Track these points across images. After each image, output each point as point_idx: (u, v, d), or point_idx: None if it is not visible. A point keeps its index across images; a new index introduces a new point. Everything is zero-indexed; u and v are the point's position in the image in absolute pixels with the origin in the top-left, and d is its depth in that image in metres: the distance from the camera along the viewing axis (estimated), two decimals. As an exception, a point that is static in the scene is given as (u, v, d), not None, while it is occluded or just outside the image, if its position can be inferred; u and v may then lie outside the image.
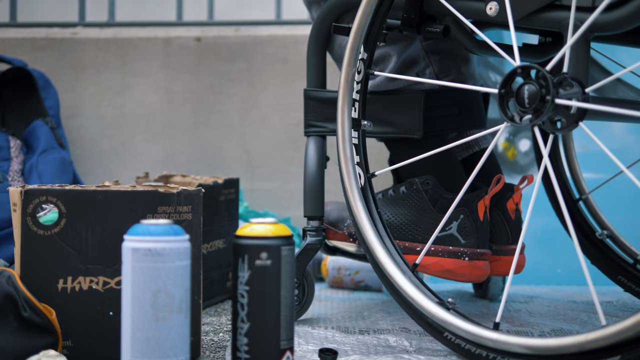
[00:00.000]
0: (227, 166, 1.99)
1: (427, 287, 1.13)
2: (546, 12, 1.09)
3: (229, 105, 2.01)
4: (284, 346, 0.95)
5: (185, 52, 2.02)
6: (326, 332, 1.26)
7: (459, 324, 1.06)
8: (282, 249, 0.95)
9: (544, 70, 1.00)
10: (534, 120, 1.01)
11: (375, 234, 1.16)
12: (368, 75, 1.22)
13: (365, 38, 1.20)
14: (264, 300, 0.94)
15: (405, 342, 1.20)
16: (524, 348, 0.99)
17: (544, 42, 1.38)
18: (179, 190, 1.08)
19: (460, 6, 1.17)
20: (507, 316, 1.42)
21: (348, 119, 1.21)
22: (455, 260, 1.33)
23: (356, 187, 1.19)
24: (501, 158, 1.87)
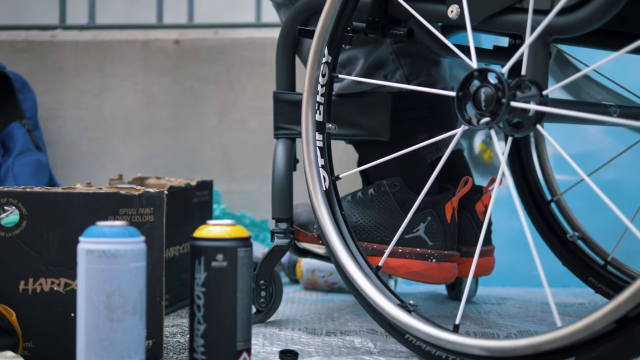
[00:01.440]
0: (206, 168, 2.00)
1: (390, 289, 1.14)
2: (506, 15, 1.10)
3: (208, 108, 2.02)
4: (240, 347, 0.96)
5: (164, 55, 2.03)
6: (293, 334, 1.26)
7: (418, 326, 1.06)
8: (238, 250, 0.96)
9: (499, 73, 1.01)
10: (490, 122, 1.01)
11: (338, 237, 1.17)
12: (333, 78, 1.22)
13: (329, 41, 1.20)
14: (220, 301, 0.95)
15: (370, 343, 1.21)
16: (480, 350, 1.00)
17: (514, 44, 1.39)
18: (141, 192, 1.09)
19: (423, 9, 1.17)
20: (477, 318, 1.43)
21: (312, 122, 1.22)
22: (423, 262, 1.33)
23: (320, 189, 1.19)
24: (477, 160, 1.88)
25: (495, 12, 1.10)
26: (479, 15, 1.11)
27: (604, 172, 1.80)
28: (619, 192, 1.77)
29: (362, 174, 1.48)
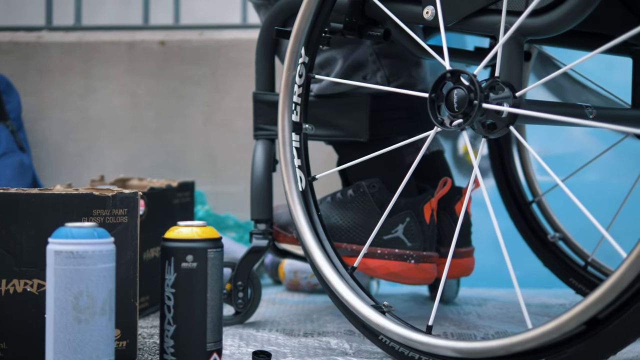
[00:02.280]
0: (191, 169, 2.00)
1: (364, 289, 1.14)
2: (481, 16, 1.10)
3: (193, 109, 2.02)
4: (210, 348, 0.96)
5: (149, 56, 2.03)
6: (269, 335, 1.26)
7: (391, 327, 1.06)
8: (208, 251, 0.96)
9: (471, 75, 1.01)
10: (463, 124, 1.01)
11: (313, 237, 1.17)
12: (309, 79, 1.22)
13: (306, 41, 1.20)
14: (190, 302, 0.95)
15: (346, 344, 1.21)
16: (452, 351, 1.00)
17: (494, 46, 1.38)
18: (115, 194, 1.08)
19: (399, 10, 1.17)
20: (456, 319, 1.43)
21: (288, 122, 1.21)
22: (401, 263, 1.33)
23: (296, 190, 1.19)
24: (461, 161, 1.88)
25: (470, 13, 1.10)
26: (454, 16, 1.11)
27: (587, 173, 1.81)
28: (602, 193, 1.77)
29: (341, 175, 1.48)
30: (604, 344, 0.91)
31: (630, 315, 0.88)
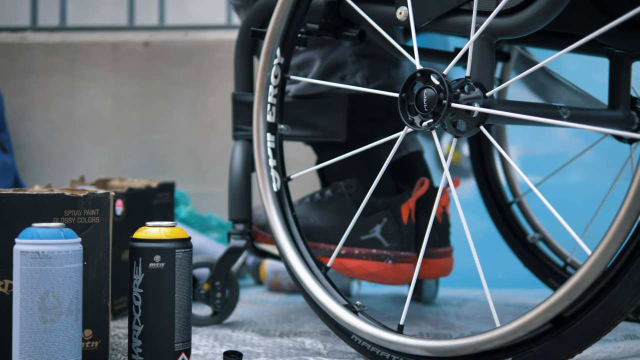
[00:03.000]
0: (176, 170, 2.00)
1: (337, 289, 1.14)
2: (453, 17, 1.09)
3: (178, 109, 2.02)
4: (178, 348, 0.96)
5: (133, 57, 2.03)
6: (245, 335, 1.26)
7: (362, 327, 1.06)
8: (176, 251, 0.96)
9: (441, 74, 1.01)
10: (432, 124, 1.01)
11: (287, 237, 1.17)
12: (285, 79, 1.22)
13: (281, 42, 1.20)
14: (158, 302, 0.95)
15: (320, 344, 1.21)
16: (421, 350, 1.00)
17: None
18: (86, 194, 1.08)
19: (373, 11, 1.17)
20: (434, 319, 1.43)
21: (263, 122, 1.22)
22: (379, 264, 1.33)
23: (270, 190, 1.19)
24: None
25: (442, 13, 1.10)
26: (426, 17, 1.11)
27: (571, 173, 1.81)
28: (585, 192, 1.77)
29: (320, 176, 1.48)
30: (570, 342, 0.91)
31: (595, 313, 0.89)
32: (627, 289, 0.87)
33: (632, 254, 0.87)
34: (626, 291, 0.87)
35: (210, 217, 1.89)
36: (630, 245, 0.87)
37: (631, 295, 0.87)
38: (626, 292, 0.87)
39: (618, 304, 0.87)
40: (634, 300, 0.87)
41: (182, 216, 1.84)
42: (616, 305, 0.87)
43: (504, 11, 1.03)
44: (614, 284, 0.88)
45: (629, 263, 0.87)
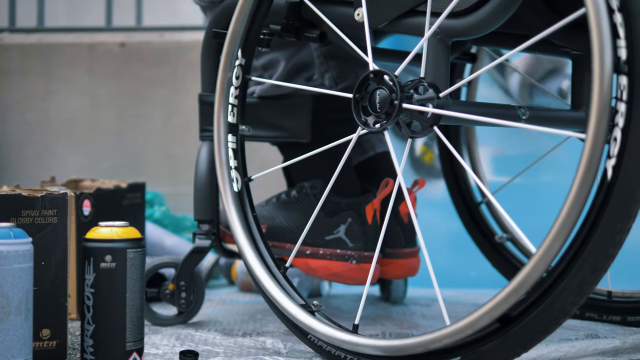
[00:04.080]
0: (151, 170, 2.01)
1: (295, 289, 1.14)
2: (408, 18, 1.10)
3: (153, 110, 2.02)
4: (130, 347, 0.96)
5: (109, 58, 2.04)
6: (208, 335, 1.27)
7: (317, 326, 1.06)
8: (128, 251, 0.96)
9: (392, 75, 1.02)
10: (384, 124, 1.02)
11: (247, 237, 1.17)
12: (246, 80, 1.23)
13: (242, 44, 1.21)
14: (109, 302, 0.96)
15: (280, 344, 1.21)
16: (373, 349, 1.01)
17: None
18: (43, 194, 1.09)
19: (333, 12, 1.18)
20: (400, 319, 1.44)
21: (224, 123, 1.22)
22: (343, 264, 1.34)
23: (230, 191, 1.20)
24: (418, 162, 1.89)
25: (398, 14, 1.10)
26: (383, 18, 1.12)
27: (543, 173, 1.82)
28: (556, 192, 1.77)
29: (286, 177, 1.49)
30: (517, 341, 0.91)
31: (540, 312, 0.89)
32: (570, 289, 0.87)
33: (576, 254, 0.87)
34: (569, 291, 0.87)
35: (184, 218, 1.89)
36: (574, 245, 0.88)
37: (574, 295, 0.87)
38: (569, 292, 0.87)
39: (561, 303, 0.88)
40: (577, 300, 0.88)
41: (156, 217, 1.84)
42: (560, 305, 0.88)
43: (457, 12, 1.04)
44: (557, 284, 0.88)
45: (572, 263, 0.87)
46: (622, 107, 0.85)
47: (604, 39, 0.84)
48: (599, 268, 0.86)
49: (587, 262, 0.86)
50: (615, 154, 0.85)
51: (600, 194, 0.87)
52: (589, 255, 0.86)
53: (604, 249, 0.86)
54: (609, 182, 0.86)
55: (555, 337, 1.30)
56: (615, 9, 0.86)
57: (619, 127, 0.85)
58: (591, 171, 0.84)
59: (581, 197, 0.85)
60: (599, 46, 0.84)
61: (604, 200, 0.86)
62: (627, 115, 0.85)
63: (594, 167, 0.84)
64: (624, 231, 0.86)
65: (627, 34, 0.85)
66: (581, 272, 0.87)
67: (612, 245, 0.85)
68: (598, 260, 0.86)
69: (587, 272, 0.86)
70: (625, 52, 0.85)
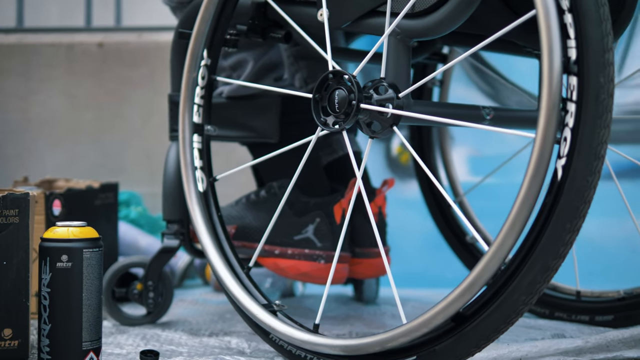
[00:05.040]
0: (129, 171, 2.01)
1: (259, 289, 1.15)
2: (370, 18, 1.10)
3: (132, 110, 2.03)
4: (86, 347, 0.97)
5: (88, 58, 2.04)
6: (174, 334, 1.27)
7: (278, 326, 1.07)
8: (84, 251, 0.96)
9: (351, 75, 1.02)
10: (342, 125, 1.02)
11: (210, 238, 1.17)
12: (212, 81, 1.23)
13: (208, 44, 1.21)
14: (65, 302, 0.96)
15: (245, 344, 1.21)
16: (331, 348, 1.01)
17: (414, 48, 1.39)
18: (5, 194, 1.09)
19: (297, 12, 1.18)
20: (370, 319, 1.44)
21: (189, 123, 1.22)
22: (311, 263, 1.34)
23: (195, 191, 1.20)
24: (395, 162, 1.89)
25: (360, 15, 1.11)
26: (345, 18, 1.12)
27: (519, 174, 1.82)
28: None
29: (256, 177, 1.49)
30: (470, 340, 0.92)
31: (492, 312, 0.90)
32: (522, 288, 0.87)
33: (527, 254, 0.87)
34: (520, 290, 0.88)
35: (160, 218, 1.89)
36: (525, 245, 0.88)
37: (525, 294, 0.88)
38: (520, 291, 0.88)
39: (513, 303, 0.88)
40: (528, 299, 0.88)
41: (132, 217, 1.84)
42: (511, 304, 0.88)
43: (417, 13, 1.04)
44: (509, 283, 0.88)
45: (523, 262, 0.88)
46: (572, 108, 0.86)
47: (553, 40, 0.84)
48: (549, 267, 0.87)
49: (538, 261, 0.87)
50: (565, 154, 0.86)
51: (550, 194, 0.87)
52: (539, 255, 0.87)
53: (554, 249, 0.86)
54: (559, 182, 0.86)
55: (521, 336, 1.30)
56: (566, 10, 0.86)
57: (569, 127, 0.86)
58: (540, 170, 0.84)
59: (531, 196, 0.85)
60: (548, 47, 0.84)
61: (554, 200, 0.86)
62: (577, 116, 0.85)
63: (544, 167, 0.84)
64: (574, 231, 0.86)
65: (577, 34, 0.86)
66: (532, 271, 0.87)
67: (562, 244, 0.86)
68: (548, 260, 0.86)
69: (538, 271, 0.87)
70: (575, 52, 0.86)
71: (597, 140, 0.84)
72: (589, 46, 0.85)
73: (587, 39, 0.85)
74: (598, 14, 0.85)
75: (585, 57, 0.85)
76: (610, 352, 1.15)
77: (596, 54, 0.84)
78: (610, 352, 1.15)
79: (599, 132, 0.84)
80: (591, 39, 0.85)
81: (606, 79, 0.84)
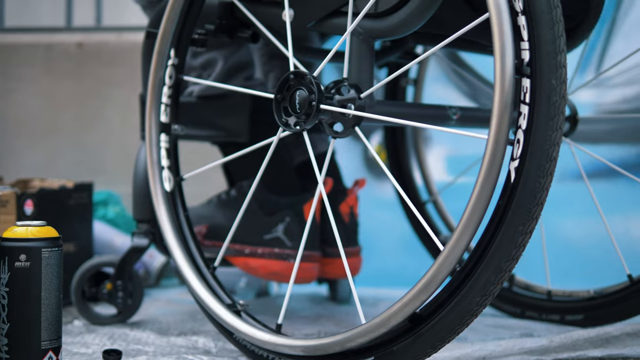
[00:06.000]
0: (109, 170, 2.01)
1: (224, 289, 1.15)
2: (334, 18, 1.10)
3: (111, 110, 2.03)
4: (45, 346, 0.97)
5: (67, 58, 2.04)
6: (142, 334, 1.27)
7: (240, 326, 1.07)
8: (43, 251, 0.96)
9: (311, 76, 1.02)
10: (303, 125, 1.02)
11: (176, 237, 1.17)
12: (179, 80, 1.23)
13: (175, 43, 1.21)
14: (23, 301, 0.96)
15: (212, 343, 1.21)
16: (291, 348, 1.01)
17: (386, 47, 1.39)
18: (-32, 194, 1.09)
19: (263, 12, 1.18)
20: (341, 318, 1.44)
21: (155, 123, 1.22)
22: (281, 262, 1.35)
23: (161, 190, 1.20)
24: (372, 162, 1.89)
25: (324, 15, 1.11)
26: (310, 18, 1.12)
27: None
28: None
29: (227, 176, 1.49)
30: (426, 341, 0.92)
31: (448, 313, 0.90)
32: (476, 289, 0.88)
33: (481, 256, 0.88)
34: (475, 291, 0.88)
35: (138, 217, 1.89)
36: (480, 246, 0.88)
37: (479, 296, 0.88)
38: (475, 293, 0.88)
39: (467, 304, 0.88)
40: (482, 301, 0.88)
41: (110, 216, 1.84)
42: (466, 305, 0.89)
43: (379, 13, 1.04)
44: (463, 285, 0.89)
45: (477, 264, 0.88)
46: (524, 110, 0.86)
47: (505, 42, 0.84)
48: (502, 269, 0.87)
49: (491, 263, 0.87)
50: (518, 156, 0.86)
51: (504, 196, 0.87)
52: (492, 257, 0.87)
53: (506, 250, 0.86)
54: (512, 184, 0.86)
55: (490, 335, 1.31)
56: (519, 12, 0.86)
57: (522, 129, 0.86)
58: (493, 171, 0.85)
59: (483, 197, 0.85)
60: (500, 49, 0.84)
61: (507, 201, 0.87)
62: (529, 118, 0.85)
63: (496, 168, 0.85)
64: (526, 233, 0.86)
65: (530, 36, 0.86)
66: (486, 273, 0.87)
67: (514, 246, 0.86)
68: (501, 262, 0.87)
69: (491, 273, 0.87)
70: (529, 54, 0.86)
71: (549, 142, 0.84)
72: (541, 48, 0.85)
73: (539, 41, 0.85)
74: (550, 16, 0.85)
75: (538, 59, 0.85)
76: (574, 351, 1.15)
77: (548, 56, 0.85)
78: (575, 351, 1.16)
79: (551, 134, 0.84)
80: (543, 41, 0.85)
81: (558, 81, 0.84)
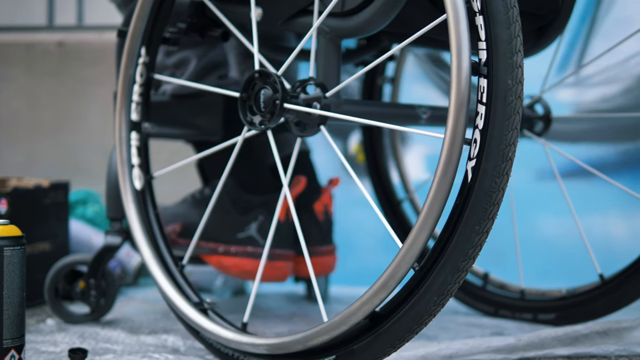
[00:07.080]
0: (89, 169, 2.01)
1: (192, 287, 1.15)
2: (301, 17, 1.11)
3: (92, 109, 2.03)
4: (7, 345, 0.97)
5: (48, 57, 2.04)
6: (113, 333, 1.27)
7: (206, 325, 1.07)
8: (4, 249, 0.97)
9: (275, 75, 1.02)
10: (267, 124, 1.03)
11: (144, 236, 1.17)
12: (150, 78, 1.23)
13: (146, 42, 1.21)
14: (-15, 300, 0.96)
15: (180, 342, 1.21)
16: (254, 347, 1.01)
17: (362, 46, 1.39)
18: None
19: (234, 11, 1.19)
20: (316, 317, 1.45)
21: (126, 121, 1.23)
22: (254, 261, 1.35)
23: (130, 188, 1.20)
24: (352, 161, 1.90)
25: (292, 14, 1.11)
26: (277, 17, 1.12)
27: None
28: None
29: (201, 175, 1.50)
30: (386, 340, 0.92)
31: (406, 312, 0.90)
32: (433, 289, 0.88)
33: (438, 256, 0.88)
34: (432, 291, 0.88)
35: (117, 216, 1.89)
36: (438, 246, 0.88)
37: (437, 295, 0.88)
38: (432, 292, 0.88)
39: (425, 303, 0.89)
40: (440, 300, 0.89)
41: (88, 215, 1.84)
42: (424, 305, 0.89)
43: (344, 12, 1.04)
44: (421, 285, 0.89)
45: (435, 264, 0.88)
46: (481, 109, 0.86)
47: (462, 42, 0.84)
48: (459, 269, 0.87)
49: (448, 262, 0.87)
50: (475, 156, 0.86)
51: (461, 196, 0.87)
52: (449, 256, 0.87)
53: (463, 250, 0.86)
54: (469, 183, 0.87)
55: (461, 334, 1.31)
56: (477, 12, 0.87)
57: (479, 129, 0.86)
58: (449, 170, 0.85)
59: (440, 196, 0.86)
60: (457, 49, 0.84)
61: (464, 201, 0.87)
62: (486, 117, 0.86)
63: (452, 167, 0.85)
64: (483, 232, 0.86)
65: (487, 36, 0.86)
66: (443, 272, 0.87)
67: (471, 246, 0.86)
68: (458, 261, 0.87)
69: (448, 272, 0.87)
70: (486, 54, 0.86)
71: (504, 142, 0.85)
72: (498, 48, 0.85)
73: (496, 41, 0.85)
74: (507, 16, 0.85)
75: (495, 59, 0.85)
76: (542, 350, 1.16)
77: (504, 56, 0.85)
78: (543, 349, 1.16)
79: (507, 134, 0.85)
80: (500, 41, 0.85)
81: (514, 81, 0.85)
